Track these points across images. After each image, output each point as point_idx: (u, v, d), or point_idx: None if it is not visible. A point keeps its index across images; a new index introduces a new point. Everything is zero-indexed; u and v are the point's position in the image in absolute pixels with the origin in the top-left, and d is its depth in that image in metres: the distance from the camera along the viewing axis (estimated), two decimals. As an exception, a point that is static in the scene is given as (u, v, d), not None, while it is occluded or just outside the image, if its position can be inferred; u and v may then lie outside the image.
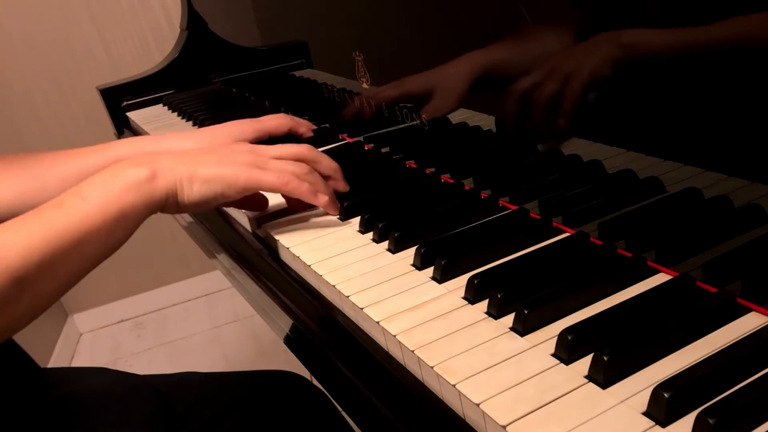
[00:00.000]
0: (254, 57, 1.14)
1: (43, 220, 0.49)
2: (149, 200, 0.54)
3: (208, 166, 0.58)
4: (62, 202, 0.51)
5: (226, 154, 0.60)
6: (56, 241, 0.48)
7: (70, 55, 1.90)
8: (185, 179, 0.57)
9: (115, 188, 0.52)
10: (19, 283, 0.46)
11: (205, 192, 0.58)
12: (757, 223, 0.43)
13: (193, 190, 0.57)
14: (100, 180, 0.53)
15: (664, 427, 0.35)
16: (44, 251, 0.47)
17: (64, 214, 0.49)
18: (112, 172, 0.54)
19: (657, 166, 0.49)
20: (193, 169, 0.57)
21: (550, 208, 0.58)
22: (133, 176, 0.54)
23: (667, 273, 0.48)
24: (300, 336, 0.58)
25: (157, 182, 0.55)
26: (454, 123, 0.69)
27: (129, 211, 0.53)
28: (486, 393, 0.39)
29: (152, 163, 0.56)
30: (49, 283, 0.48)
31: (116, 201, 0.52)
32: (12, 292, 0.45)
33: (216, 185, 0.58)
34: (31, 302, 0.47)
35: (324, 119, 0.96)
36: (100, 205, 0.51)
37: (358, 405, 0.49)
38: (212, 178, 0.58)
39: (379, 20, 0.77)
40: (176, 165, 0.57)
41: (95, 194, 0.52)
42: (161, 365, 1.94)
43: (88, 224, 0.50)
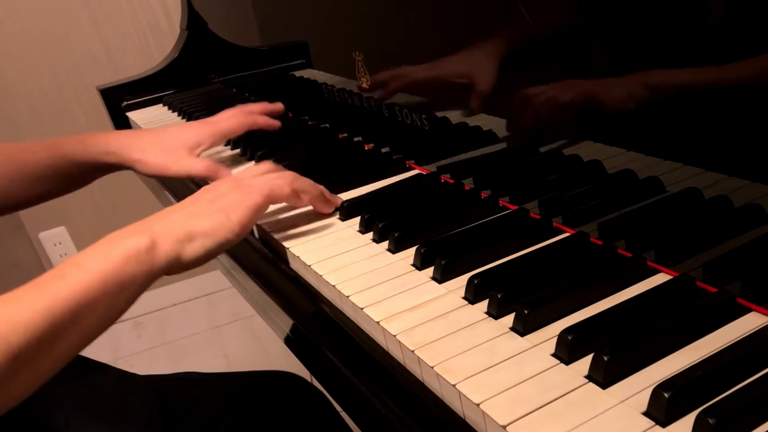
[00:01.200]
0: (254, 57, 1.14)
1: (45, 291, 0.47)
2: (149, 270, 0.53)
3: (201, 219, 0.57)
4: (63, 274, 0.49)
5: (213, 200, 0.59)
6: (58, 314, 0.46)
7: (70, 55, 1.90)
8: (185, 239, 0.55)
9: (115, 259, 0.51)
10: (18, 360, 0.44)
11: (209, 245, 0.56)
12: (757, 223, 0.43)
13: (196, 247, 0.56)
14: (100, 250, 0.52)
15: (664, 427, 0.35)
16: (46, 325, 0.46)
17: (65, 285, 0.48)
18: (111, 242, 0.53)
19: (657, 166, 0.49)
20: (189, 226, 0.56)
21: (550, 208, 0.58)
22: (132, 246, 0.52)
23: (667, 273, 0.48)
24: (300, 336, 0.58)
25: (158, 250, 0.53)
26: (454, 123, 0.69)
27: (129, 282, 0.51)
28: (486, 393, 0.39)
29: (148, 230, 0.54)
30: (49, 358, 0.47)
31: (115, 272, 0.50)
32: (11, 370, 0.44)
33: (217, 235, 0.57)
34: (29, 378, 0.46)
35: (324, 119, 0.96)
36: (100, 276, 0.49)
37: (358, 405, 0.49)
38: (210, 231, 0.56)
39: (379, 20, 0.77)
40: (172, 227, 0.56)
41: (95, 265, 0.50)
42: (161, 365, 1.94)
43: (90, 295, 0.48)
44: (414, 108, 0.74)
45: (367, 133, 0.86)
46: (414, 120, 0.75)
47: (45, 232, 2.06)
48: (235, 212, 0.58)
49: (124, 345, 2.07)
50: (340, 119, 0.92)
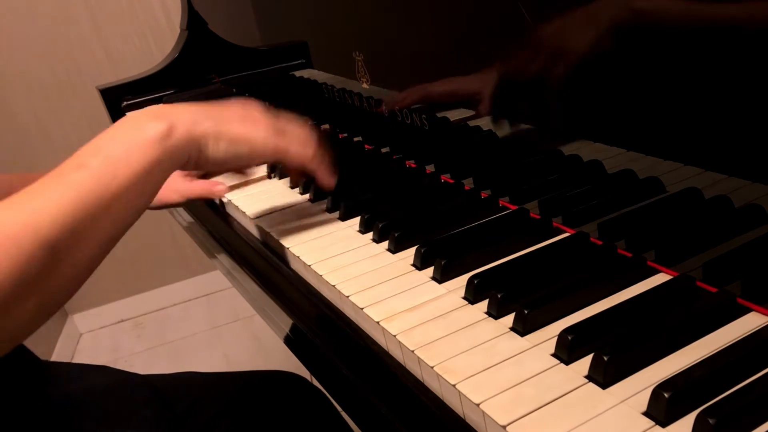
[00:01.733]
0: (254, 57, 1.14)
1: (68, 182, 0.46)
2: (172, 155, 0.51)
3: (234, 124, 0.55)
4: (84, 162, 0.48)
5: (246, 115, 0.57)
6: (85, 204, 0.46)
7: (70, 55, 1.90)
8: (211, 136, 0.53)
9: (137, 144, 0.49)
10: (53, 251, 0.44)
11: (232, 151, 0.54)
12: (757, 223, 0.43)
13: (219, 148, 0.54)
14: (120, 135, 0.50)
15: (664, 427, 0.35)
16: (75, 216, 0.45)
17: (88, 174, 0.47)
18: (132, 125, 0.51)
19: (657, 166, 0.49)
20: (219, 125, 0.54)
21: (550, 208, 0.58)
22: (153, 130, 0.50)
23: (667, 273, 0.48)
24: (300, 336, 0.58)
25: (179, 136, 0.51)
26: (454, 123, 0.69)
27: (154, 168, 0.50)
28: (486, 393, 0.39)
29: (169, 116, 0.52)
30: (85, 249, 0.46)
31: (139, 159, 0.49)
32: (48, 262, 0.43)
33: (243, 146, 0.55)
34: (70, 271, 0.46)
35: (324, 119, 0.96)
36: (122, 162, 0.48)
37: (358, 405, 0.49)
38: (240, 139, 0.55)
39: (379, 20, 0.77)
40: (198, 119, 0.53)
41: (118, 153, 0.48)
42: (161, 365, 1.94)
43: (116, 185, 0.47)
44: (414, 108, 0.74)
45: (367, 133, 0.86)
46: (414, 120, 0.75)
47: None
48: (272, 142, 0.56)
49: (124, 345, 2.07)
50: (340, 119, 0.92)
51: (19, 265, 0.42)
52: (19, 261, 0.42)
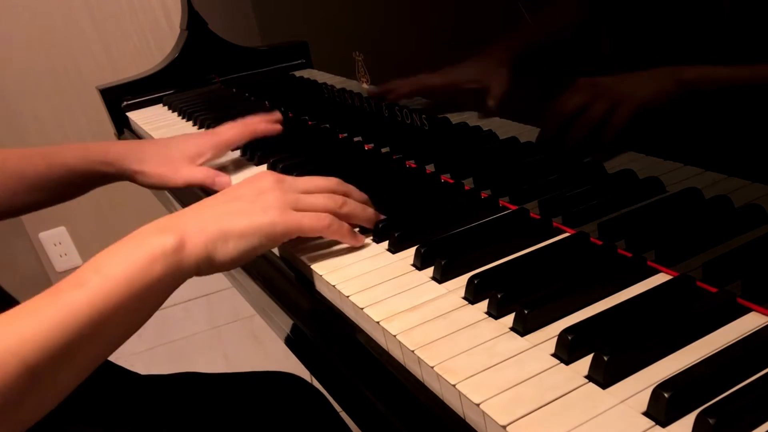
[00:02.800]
0: (254, 57, 1.14)
1: (62, 303, 0.44)
2: (176, 271, 0.49)
3: (239, 218, 0.53)
4: (81, 281, 0.46)
5: (254, 199, 0.55)
6: (77, 326, 0.44)
7: (70, 55, 1.90)
8: (218, 239, 0.51)
9: (139, 261, 0.47)
10: (36, 377, 0.42)
11: (243, 247, 0.52)
12: (757, 223, 0.43)
13: (229, 249, 0.52)
14: (122, 252, 0.48)
15: (664, 427, 0.35)
16: (64, 340, 0.43)
17: (84, 294, 0.45)
18: (135, 241, 0.49)
19: (657, 166, 0.49)
20: (223, 224, 0.52)
21: (550, 208, 0.58)
22: (158, 246, 0.48)
23: (667, 273, 0.48)
24: (300, 336, 0.58)
25: (186, 250, 0.49)
26: (454, 123, 0.69)
27: (155, 286, 0.48)
28: (486, 393, 0.39)
29: (178, 228, 0.50)
30: (70, 372, 0.45)
31: (141, 277, 0.47)
32: (29, 387, 0.42)
33: (253, 239, 0.53)
34: (49, 394, 0.44)
35: (324, 119, 0.96)
36: (123, 282, 0.46)
37: (358, 405, 0.48)
38: (247, 231, 0.52)
39: (379, 20, 0.77)
40: (205, 225, 0.51)
41: (116, 269, 0.46)
42: (161, 365, 1.94)
43: (112, 305, 0.45)
44: (414, 108, 0.74)
45: (367, 133, 0.86)
46: (414, 120, 0.75)
47: (45, 232, 2.06)
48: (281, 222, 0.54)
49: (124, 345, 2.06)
50: (340, 119, 0.92)
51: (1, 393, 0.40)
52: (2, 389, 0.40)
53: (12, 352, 0.41)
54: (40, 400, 0.44)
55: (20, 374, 0.41)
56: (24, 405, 0.42)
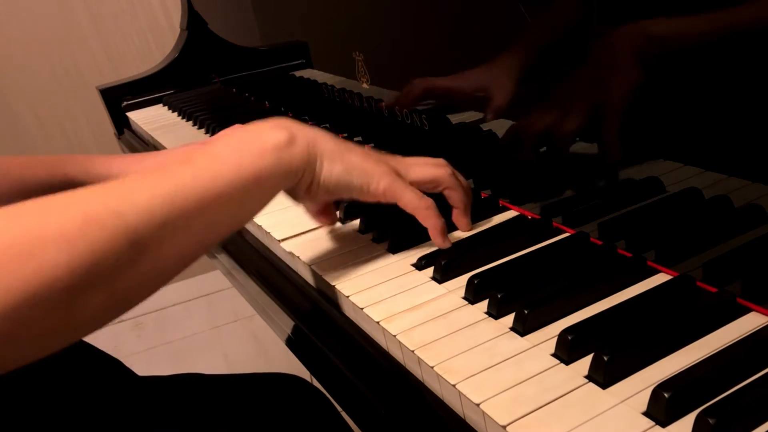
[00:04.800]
0: (254, 57, 1.14)
1: (169, 176, 0.43)
2: (287, 166, 0.48)
3: (353, 154, 0.53)
4: (192, 160, 0.45)
5: (371, 153, 0.55)
6: (181, 201, 0.42)
7: (70, 55, 1.90)
8: (328, 156, 0.51)
9: (252, 150, 0.46)
10: (137, 244, 0.40)
11: (344, 178, 0.52)
12: (757, 223, 0.43)
13: (333, 172, 0.51)
14: (235, 140, 0.47)
15: (664, 427, 0.35)
16: (167, 211, 0.41)
17: (192, 172, 0.44)
18: (248, 132, 0.49)
19: (657, 166, 0.49)
20: (338, 149, 0.52)
21: (550, 208, 0.58)
22: (272, 139, 0.48)
23: (667, 273, 0.48)
24: (301, 336, 0.58)
25: (297, 149, 0.49)
26: (454, 123, 0.69)
27: (264, 177, 0.47)
28: (486, 393, 0.39)
29: (294, 129, 0.50)
30: (171, 249, 0.42)
31: (251, 164, 0.46)
32: (128, 255, 0.40)
33: (356, 177, 0.52)
34: (151, 268, 0.42)
35: (324, 119, 0.96)
36: (233, 166, 0.45)
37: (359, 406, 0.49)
38: (356, 168, 0.52)
39: (379, 20, 0.77)
40: (321, 138, 0.51)
41: (228, 154, 0.46)
42: (161, 365, 1.94)
43: (219, 186, 0.44)
44: (414, 108, 0.74)
45: (367, 133, 0.86)
46: (414, 120, 0.75)
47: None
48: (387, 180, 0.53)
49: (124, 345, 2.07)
50: (340, 119, 0.92)
51: (96, 251, 0.38)
52: (98, 246, 0.38)
53: (114, 215, 0.39)
54: (141, 272, 0.41)
55: (120, 237, 0.39)
56: (123, 273, 0.40)
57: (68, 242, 0.37)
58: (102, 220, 0.39)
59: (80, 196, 0.41)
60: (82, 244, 0.38)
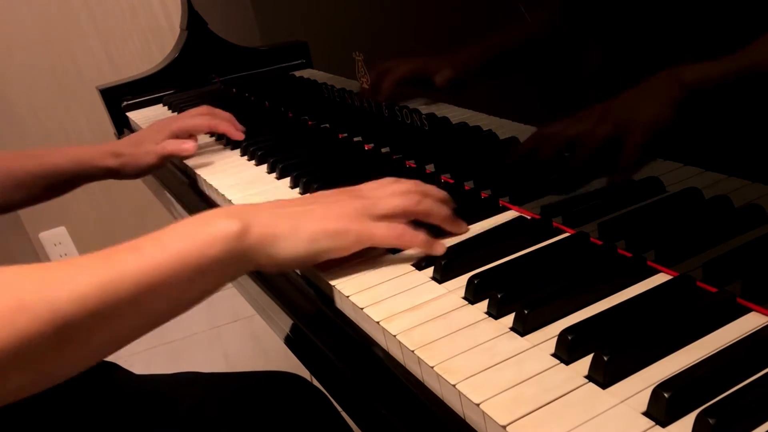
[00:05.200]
0: (254, 57, 1.14)
1: (111, 263, 0.43)
2: (236, 257, 0.48)
3: (311, 221, 0.52)
4: (138, 246, 0.45)
5: (329, 206, 0.54)
6: (118, 289, 0.42)
7: (70, 55, 1.90)
8: (286, 235, 0.50)
9: (198, 239, 0.46)
10: (67, 332, 0.40)
11: (312, 250, 0.51)
12: (757, 223, 0.43)
13: (299, 249, 0.51)
14: (184, 228, 0.47)
15: (664, 427, 0.35)
16: (104, 300, 0.41)
17: (135, 259, 0.44)
18: (201, 220, 0.48)
19: (657, 166, 0.49)
20: (294, 223, 0.51)
21: (551, 208, 0.58)
22: (222, 228, 0.47)
23: (667, 273, 0.48)
24: (300, 336, 0.58)
25: (250, 240, 0.48)
26: (454, 123, 0.69)
27: (211, 266, 0.46)
28: (486, 393, 0.39)
29: (247, 216, 0.49)
30: (101, 337, 0.43)
31: (196, 253, 0.46)
32: (55, 342, 0.40)
33: (321, 242, 0.52)
34: (78, 354, 0.42)
35: (324, 119, 0.96)
36: (177, 254, 0.45)
37: (358, 405, 0.49)
38: (317, 234, 0.51)
39: (379, 20, 0.77)
40: (276, 220, 0.51)
41: (175, 243, 0.46)
42: (161, 365, 1.94)
43: (160, 274, 0.44)
44: (414, 108, 0.74)
45: (367, 133, 0.86)
46: (414, 120, 0.75)
47: (45, 232, 2.06)
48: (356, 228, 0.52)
49: (124, 345, 2.06)
50: (340, 119, 0.92)
51: (23, 338, 0.38)
52: (25, 333, 0.39)
53: (46, 300, 0.40)
54: (69, 357, 0.42)
55: (49, 326, 0.39)
56: (49, 358, 0.40)
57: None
58: (33, 308, 0.39)
59: (16, 278, 0.41)
60: (10, 329, 0.38)
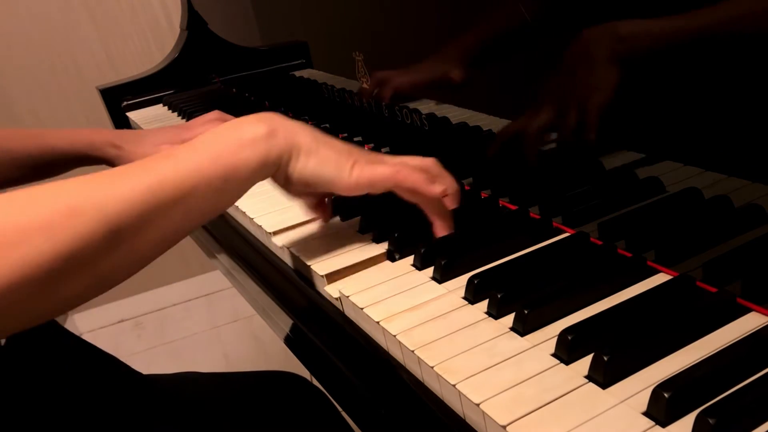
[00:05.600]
0: (254, 57, 1.14)
1: (151, 169, 0.46)
2: (264, 158, 0.50)
3: (330, 148, 0.54)
4: (174, 154, 0.48)
5: (352, 149, 0.55)
6: (161, 191, 0.45)
7: (70, 55, 1.90)
8: (305, 150, 0.52)
9: (231, 142, 0.49)
10: (116, 233, 0.43)
11: (317, 171, 0.53)
12: (757, 223, 0.43)
13: (308, 165, 0.53)
14: (217, 134, 0.50)
15: (664, 427, 0.35)
16: (147, 201, 0.44)
17: (172, 164, 0.47)
18: (230, 126, 0.51)
19: (657, 166, 0.49)
20: (315, 143, 0.53)
21: (550, 208, 0.58)
22: (251, 132, 0.50)
23: (667, 273, 0.48)
24: (300, 336, 0.58)
25: (275, 141, 0.51)
26: (454, 123, 0.69)
27: (241, 167, 0.49)
28: (486, 393, 0.39)
29: (274, 122, 0.52)
30: (149, 236, 0.45)
31: (229, 155, 0.49)
32: (108, 243, 0.42)
33: (328, 170, 0.53)
34: (128, 255, 0.45)
35: (324, 119, 0.96)
36: (211, 157, 0.48)
37: (358, 405, 0.49)
38: (329, 161, 0.53)
39: (379, 20, 0.77)
40: (299, 132, 0.53)
41: (209, 147, 0.49)
42: (161, 365, 1.94)
43: (197, 176, 0.47)
44: (414, 108, 0.74)
45: (367, 133, 0.86)
46: (414, 120, 0.75)
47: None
48: (359, 167, 0.54)
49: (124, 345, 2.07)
50: (340, 119, 0.92)
51: (77, 242, 0.41)
52: (80, 236, 0.41)
53: (95, 206, 0.42)
54: (120, 258, 0.44)
55: (101, 227, 0.42)
56: (104, 259, 0.43)
57: (52, 232, 0.40)
58: (85, 211, 0.42)
59: (66, 188, 0.43)
60: (65, 234, 0.40)
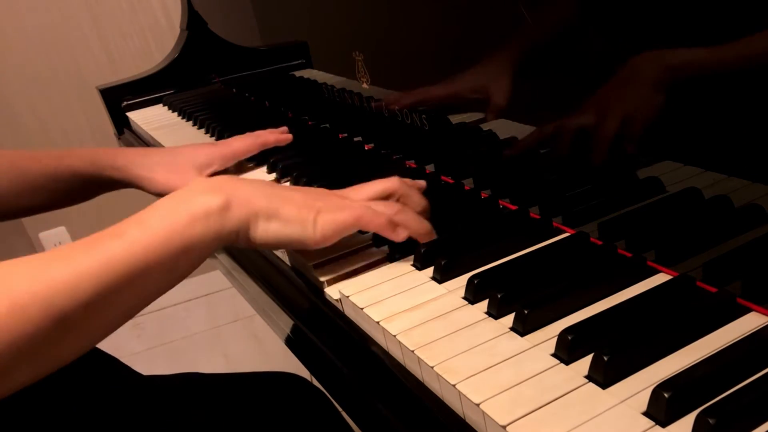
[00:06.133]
0: (254, 57, 1.14)
1: (98, 252, 0.44)
2: (218, 233, 0.49)
3: (289, 205, 0.52)
4: (122, 231, 0.46)
5: (309, 196, 0.54)
6: (107, 276, 0.43)
7: (70, 55, 1.90)
8: (262, 215, 0.51)
9: (182, 217, 0.47)
10: (64, 324, 0.41)
11: (281, 234, 0.52)
12: (757, 223, 0.43)
13: (269, 229, 0.51)
14: (167, 207, 0.48)
15: (664, 427, 0.35)
16: (94, 288, 0.42)
17: (121, 245, 0.44)
18: (182, 198, 0.49)
19: (657, 167, 0.49)
20: (273, 204, 0.51)
21: (550, 208, 0.58)
22: (203, 204, 0.48)
23: (667, 273, 0.48)
24: (300, 336, 0.58)
25: (230, 214, 0.49)
26: (454, 123, 0.69)
27: (195, 244, 0.47)
28: (486, 393, 0.39)
29: (227, 191, 0.50)
30: (98, 322, 0.44)
31: (181, 231, 0.47)
32: (56, 333, 0.41)
33: (294, 228, 0.52)
34: (77, 341, 0.43)
35: (324, 119, 0.96)
36: (162, 235, 0.46)
37: (359, 405, 0.49)
38: (291, 221, 0.51)
39: (379, 20, 0.77)
40: (255, 197, 0.51)
41: (158, 223, 0.46)
42: (161, 365, 1.94)
43: (147, 258, 0.45)
44: (414, 108, 0.74)
45: (367, 133, 0.86)
46: (414, 120, 0.75)
47: (45, 232, 2.06)
48: (322, 219, 0.52)
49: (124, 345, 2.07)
50: (340, 119, 0.92)
51: (23, 335, 0.40)
52: (23, 332, 0.40)
53: (40, 297, 0.41)
54: (69, 346, 0.43)
55: (47, 320, 0.41)
56: (52, 349, 0.42)
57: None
58: (27, 306, 0.40)
59: (5, 281, 0.41)
60: (9, 332, 0.39)
